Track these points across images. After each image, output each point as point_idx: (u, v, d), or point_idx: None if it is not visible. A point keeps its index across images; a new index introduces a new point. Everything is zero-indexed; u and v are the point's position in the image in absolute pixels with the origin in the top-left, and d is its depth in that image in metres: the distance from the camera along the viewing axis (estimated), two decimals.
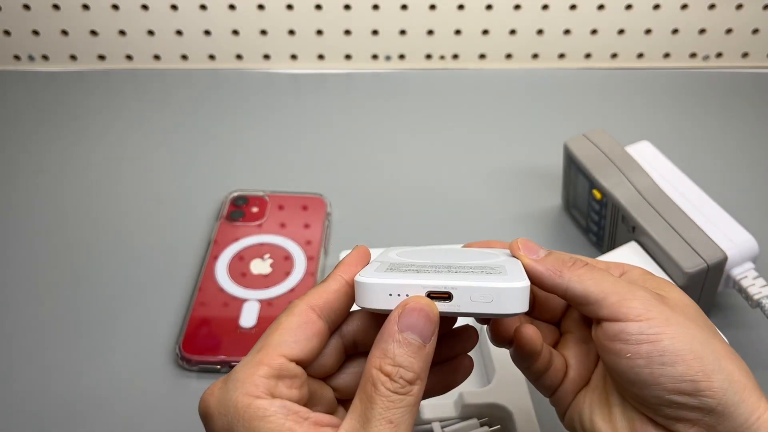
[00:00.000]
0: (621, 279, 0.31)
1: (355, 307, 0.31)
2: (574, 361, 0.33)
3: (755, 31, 0.73)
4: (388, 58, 0.75)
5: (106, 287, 0.52)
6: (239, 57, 0.74)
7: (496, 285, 0.28)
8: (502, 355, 0.42)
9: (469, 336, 0.34)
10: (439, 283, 0.28)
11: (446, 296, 0.28)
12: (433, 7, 0.71)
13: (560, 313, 0.35)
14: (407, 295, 0.28)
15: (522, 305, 0.28)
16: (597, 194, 0.51)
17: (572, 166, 0.54)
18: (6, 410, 0.44)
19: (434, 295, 0.28)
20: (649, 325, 0.28)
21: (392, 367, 0.27)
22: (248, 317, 0.48)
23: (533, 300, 0.34)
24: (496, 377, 0.42)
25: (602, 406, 0.31)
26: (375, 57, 0.75)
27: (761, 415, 0.28)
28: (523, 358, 0.32)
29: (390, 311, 0.28)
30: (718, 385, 0.28)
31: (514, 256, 0.32)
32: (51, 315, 0.50)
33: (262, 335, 0.30)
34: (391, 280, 0.29)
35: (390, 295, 0.29)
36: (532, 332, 0.32)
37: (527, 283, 0.28)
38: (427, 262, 0.32)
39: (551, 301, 0.34)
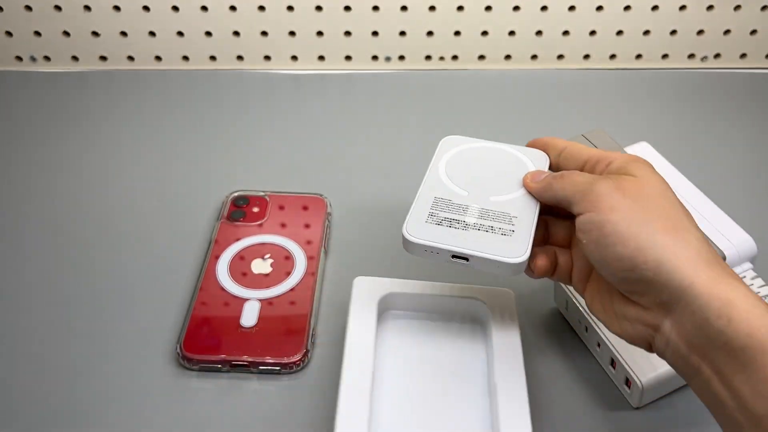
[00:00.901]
0: (589, 177, 0.37)
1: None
2: (577, 257, 0.40)
3: (753, 32, 0.74)
4: (388, 58, 0.75)
5: (107, 287, 0.52)
6: (240, 58, 0.75)
7: (500, 258, 0.38)
8: None
9: None
10: (459, 250, 0.39)
11: (465, 258, 0.39)
12: (432, 8, 0.71)
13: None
14: (437, 253, 0.39)
15: (518, 271, 0.39)
16: None
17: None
18: (6, 410, 0.44)
19: (456, 256, 0.39)
20: (597, 214, 0.35)
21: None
22: (249, 317, 0.48)
23: (556, 204, 0.40)
24: None
25: (598, 292, 0.38)
26: (375, 58, 0.75)
27: (693, 281, 0.31)
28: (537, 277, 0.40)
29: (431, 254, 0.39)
30: (652, 259, 0.32)
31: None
32: (51, 315, 0.50)
33: None
34: (427, 240, 0.39)
35: (425, 251, 0.40)
36: (542, 262, 0.40)
37: (522, 258, 0.38)
38: (464, 202, 0.42)
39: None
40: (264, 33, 0.73)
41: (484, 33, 0.73)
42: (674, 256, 0.32)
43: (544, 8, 0.72)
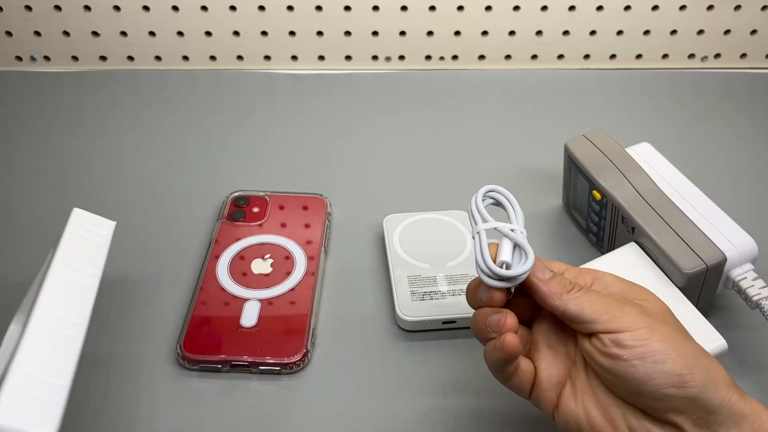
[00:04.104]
0: (609, 298, 0.36)
1: None
2: (544, 363, 0.38)
3: (753, 32, 0.74)
4: (388, 58, 0.75)
5: (107, 286, 0.52)
6: (240, 58, 0.75)
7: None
8: None
9: None
10: (447, 317, 0.47)
11: (453, 321, 0.48)
12: (432, 8, 0.71)
13: (529, 318, 0.40)
14: (430, 323, 0.48)
15: None
16: (597, 195, 0.51)
17: (572, 167, 0.54)
18: None
19: (446, 321, 0.47)
20: (640, 333, 0.34)
21: None
22: (249, 317, 0.48)
23: (510, 302, 0.39)
24: None
25: (597, 408, 0.36)
26: (375, 58, 0.75)
27: (731, 398, 0.33)
28: (502, 362, 0.37)
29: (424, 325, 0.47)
30: (699, 377, 0.33)
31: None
32: None
33: None
34: (419, 316, 0.47)
35: (420, 324, 0.48)
36: (513, 339, 0.36)
37: None
38: (430, 273, 0.50)
39: (524, 307, 0.39)
40: (264, 33, 0.73)
41: (484, 33, 0.73)
42: (715, 375, 0.34)
43: (544, 8, 0.72)
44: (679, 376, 0.33)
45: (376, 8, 0.71)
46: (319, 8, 0.71)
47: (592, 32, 0.73)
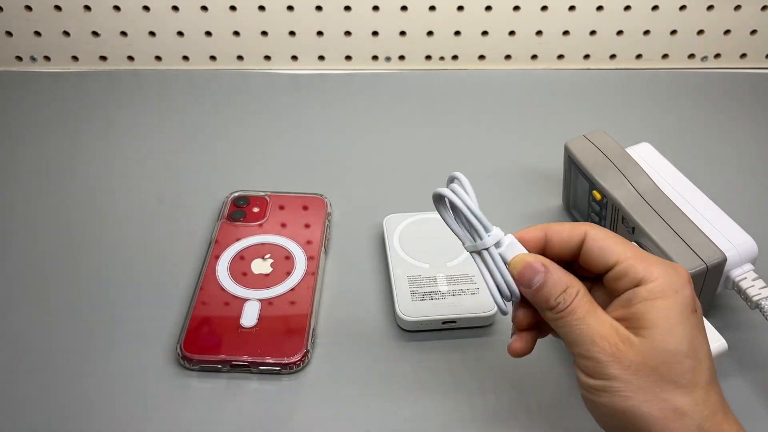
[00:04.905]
0: (591, 329, 0.34)
1: None
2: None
3: (753, 32, 0.74)
4: (388, 58, 0.75)
5: (107, 287, 0.52)
6: (240, 58, 0.75)
7: (477, 314, 0.47)
8: None
9: None
10: (447, 317, 0.48)
11: (453, 321, 0.48)
12: (432, 8, 0.71)
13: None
14: (430, 323, 0.48)
15: (492, 319, 0.47)
16: (597, 195, 0.51)
17: (572, 167, 0.54)
18: (7, 410, 0.44)
19: (445, 321, 0.48)
20: (595, 383, 0.33)
21: None
22: (249, 317, 0.48)
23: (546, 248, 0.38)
24: None
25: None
26: (375, 58, 0.75)
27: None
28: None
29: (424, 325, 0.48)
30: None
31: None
32: (52, 315, 0.50)
33: None
34: (420, 316, 0.47)
35: (420, 324, 0.48)
36: (518, 346, 0.37)
37: (494, 309, 0.45)
38: (431, 273, 0.50)
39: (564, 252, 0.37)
40: (264, 33, 0.73)
41: (484, 33, 0.73)
42: (686, 426, 0.32)
43: (544, 8, 0.72)
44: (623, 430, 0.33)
45: (376, 8, 0.71)
46: (319, 8, 0.71)
47: (592, 32, 0.73)
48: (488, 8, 0.72)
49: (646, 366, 0.33)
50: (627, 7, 0.72)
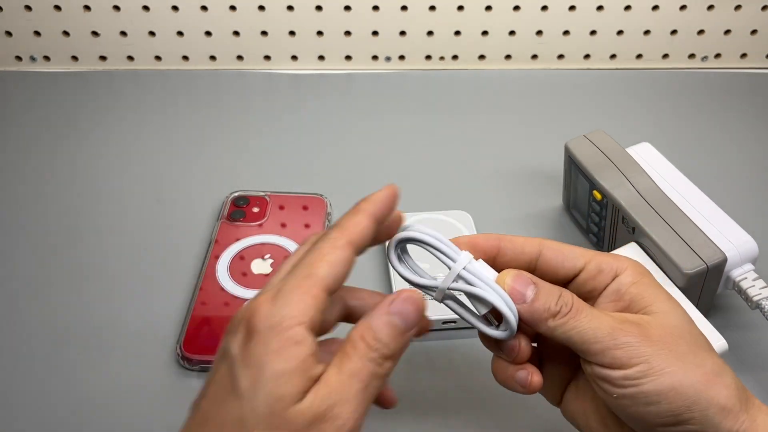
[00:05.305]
0: (604, 321, 0.32)
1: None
2: (551, 360, 0.36)
3: (754, 32, 0.74)
4: (388, 58, 0.75)
5: (107, 287, 0.52)
6: (240, 58, 0.75)
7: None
8: None
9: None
10: (448, 316, 0.46)
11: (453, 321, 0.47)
12: (432, 8, 0.71)
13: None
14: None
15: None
16: (597, 195, 0.51)
17: (573, 167, 0.54)
18: (7, 410, 0.44)
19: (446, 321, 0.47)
20: (634, 371, 0.31)
21: (373, 341, 0.30)
22: None
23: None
24: None
25: (596, 415, 0.35)
26: (375, 58, 0.75)
27: (738, 428, 0.31)
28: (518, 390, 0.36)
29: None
30: (698, 414, 0.31)
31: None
32: (52, 315, 0.50)
33: (302, 255, 0.32)
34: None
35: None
36: (537, 379, 0.35)
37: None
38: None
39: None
40: (264, 33, 0.73)
41: (484, 33, 0.73)
42: (720, 406, 0.31)
43: (544, 8, 0.72)
44: (675, 416, 0.31)
45: (376, 8, 0.71)
46: (319, 8, 0.71)
47: (592, 32, 0.73)
48: (488, 8, 0.72)
49: (671, 336, 0.32)
50: (627, 7, 0.72)
